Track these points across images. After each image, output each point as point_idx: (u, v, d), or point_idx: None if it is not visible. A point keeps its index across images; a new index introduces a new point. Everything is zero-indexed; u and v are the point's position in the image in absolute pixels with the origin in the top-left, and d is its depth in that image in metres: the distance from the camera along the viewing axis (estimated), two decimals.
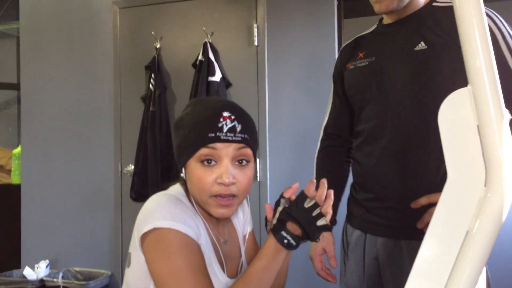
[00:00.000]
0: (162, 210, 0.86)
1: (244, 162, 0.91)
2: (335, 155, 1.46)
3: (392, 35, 1.28)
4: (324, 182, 0.90)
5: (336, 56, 2.43)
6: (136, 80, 2.80)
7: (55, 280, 2.70)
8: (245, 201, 1.09)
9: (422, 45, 1.20)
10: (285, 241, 0.86)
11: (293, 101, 2.53)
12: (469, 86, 0.78)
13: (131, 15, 2.84)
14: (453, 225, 0.79)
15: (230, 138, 0.88)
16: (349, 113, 1.41)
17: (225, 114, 0.89)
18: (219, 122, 0.88)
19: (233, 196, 0.89)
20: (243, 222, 1.09)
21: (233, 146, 0.89)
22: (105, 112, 2.90)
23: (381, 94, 1.25)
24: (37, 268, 2.79)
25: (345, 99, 1.40)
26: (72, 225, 2.97)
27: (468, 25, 0.77)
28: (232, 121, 0.89)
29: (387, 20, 1.32)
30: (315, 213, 0.87)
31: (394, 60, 1.24)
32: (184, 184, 0.95)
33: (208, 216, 0.95)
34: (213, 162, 0.88)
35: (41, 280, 2.72)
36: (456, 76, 1.17)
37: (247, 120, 0.93)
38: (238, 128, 0.89)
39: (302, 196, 0.89)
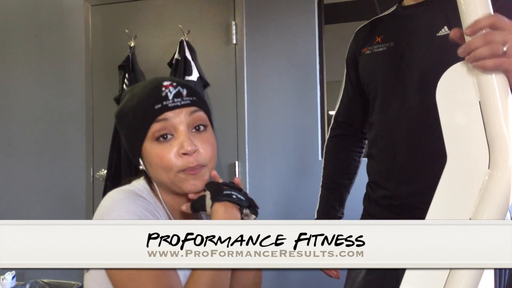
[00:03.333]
0: (120, 208, 0.77)
1: (202, 128, 0.84)
2: (345, 145, 1.40)
3: (414, 18, 1.18)
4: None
5: (318, 54, 2.39)
6: (109, 81, 2.68)
7: None
8: None
9: (445, 30, 1.09)
10: (234, 196, 0.79)
11: (273, 101, 2.46)
12: None
13: (103, 12, 2.74)
14: (453, 212, 0.72)
15: (178, 104, 0.81)
16: (362, 101, 1.32)
17: (166, 83, 0.82)
18: (162, 91, 0.81)
19: (201, 166, 0.81)
20: None
21: (185, 111, 0.81)
22: (76, 114, 2.78)
23: (399, 83, 1.16)
24: (3, 280, 2.63)
25: (359, 87, 1.32)
26: None
27: None
28: (175, 87, 0.82)
29: (408, 1, 1.22)
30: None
31: (414, 47, 1.15)
32: (147, 177, 0.87)
33: (174, 209, 0.87)
34: (169, 136, 0.81)
35: None
36: None
37: (190, 86, 0.86)
38: (184, 92, 0.82)
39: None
